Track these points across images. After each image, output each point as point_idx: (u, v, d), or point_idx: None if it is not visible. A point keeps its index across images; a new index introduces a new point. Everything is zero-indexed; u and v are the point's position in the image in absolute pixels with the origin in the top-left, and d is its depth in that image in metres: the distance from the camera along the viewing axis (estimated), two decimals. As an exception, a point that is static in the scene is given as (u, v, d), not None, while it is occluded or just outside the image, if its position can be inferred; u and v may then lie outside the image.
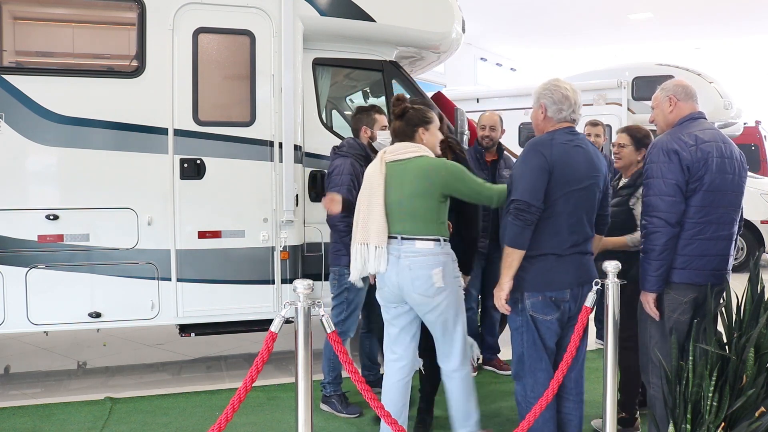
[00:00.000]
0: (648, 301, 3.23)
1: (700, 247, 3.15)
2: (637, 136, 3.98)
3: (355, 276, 3.44)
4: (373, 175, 3.38)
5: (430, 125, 3.46)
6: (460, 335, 3.42)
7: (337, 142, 5.17)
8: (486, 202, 3.39)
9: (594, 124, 5.87)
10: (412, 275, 3.27)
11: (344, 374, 4.35)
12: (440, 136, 3.54)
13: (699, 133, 3.18)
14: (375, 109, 4.45)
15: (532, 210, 2.97)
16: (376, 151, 4.37)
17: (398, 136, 3.46)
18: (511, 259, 3.04)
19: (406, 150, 3.37)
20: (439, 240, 3.30)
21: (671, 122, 3.32)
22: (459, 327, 3.42)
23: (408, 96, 3.55)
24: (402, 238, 3.30)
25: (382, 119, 4.39)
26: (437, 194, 3.28)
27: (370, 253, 3.32)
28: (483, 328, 5.24)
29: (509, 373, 5.14)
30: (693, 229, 3.14)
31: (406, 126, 3.43)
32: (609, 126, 9.82)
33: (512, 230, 3.02)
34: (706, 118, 3.33)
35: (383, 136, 4.35)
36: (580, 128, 3.36)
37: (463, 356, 3.44)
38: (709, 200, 3.13)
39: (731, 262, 3.31)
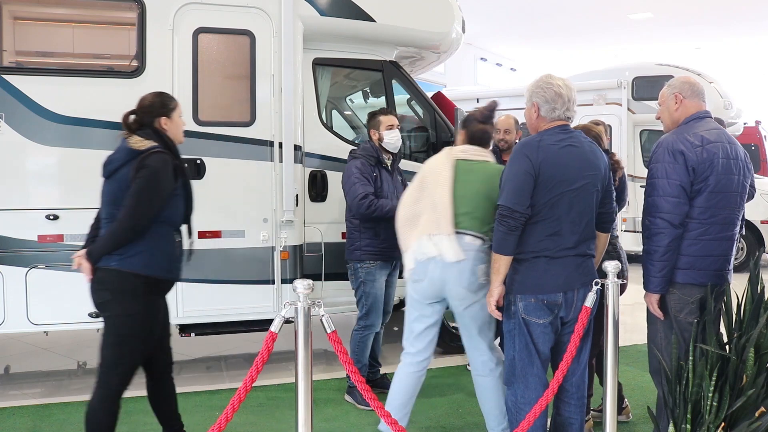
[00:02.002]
0: (651, 301, 3.22)
1: (705, 247, 3.14)
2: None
3: (408, 267, 3.51)
4: (441, 169, 3.47)
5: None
6: (492, 333, 3.55)
7: (338, 142, 5.20)
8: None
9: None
10: (460, 268, 3.35)
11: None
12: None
13: (705, 134, 3.14)
14: (380, 111, 4.59)
15: (516, 216, 2.95)
16: (388, 152, 4.53)
17: (481, 143, 3.57)
18: (498, 264, 3.04)
19: (476, 153, 3.53)
20: (484, 240, 3.39)
21: (677, 120, 3.28)
22: (492, 325, 3.54)
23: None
24: (456, 232, 3.39)
25: (387, 119, 4.52)
26: (495, 198, 3.31)
27: (443, 242, 3.38)
28: None
29: None
30: (698, 229, 3.12)
31: (490, 130, 3.61)
32: (609, 126, 9.82)
33: (497, 236, 3.02)
34: (712, 117, 3.30)
35: (390, 135, 4.52)
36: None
37: (494, 354, 3.53)
38: (714, 201, 3.11)
39: (732, 262, 3.30)
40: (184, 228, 3.32)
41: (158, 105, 3.27)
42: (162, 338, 3.35)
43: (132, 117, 3.21)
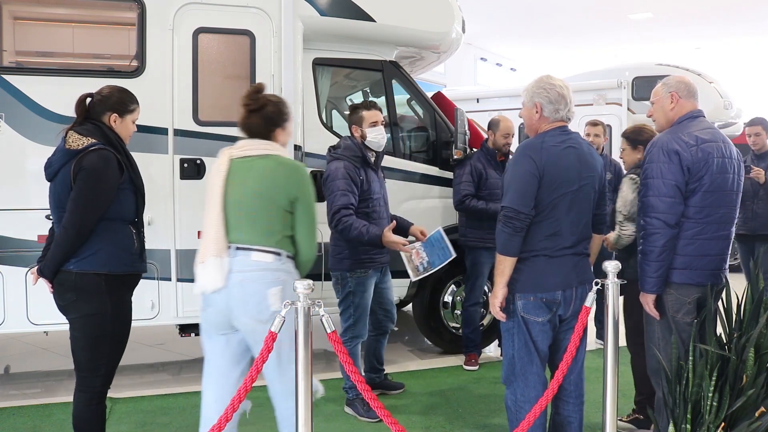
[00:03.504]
0: (647, 302, 3.23)
1: (701, 247, 3.15)
2: (637, 139, 3.97)
3: (205, 292, 2.89)
4: (213, 174, 2.94)
5: (288, 123, 3.07)
6: (293, 374, 2.72)
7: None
8: (306, 241, 2.93)
9: (594, 124, 5.90)
10: (244, 293, 2.80)
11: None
12: (290, 133, 3.14)
13: (699, 133, 3.16)
14: (363, 105, 4.36)
15: (521, 217, 2.95)
16: (371, 150, 4.32)
17: (252, 134, 3.00)
18: (503, 266, 3.03)
19: (256, 146, 2.96)
20: (280, 254, 2.86)
21: (671, 119, 3.29)
22: (293, 365, 2.75)
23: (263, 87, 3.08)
24: (237, 248, 2.84)
25: (371, 115, 4.26)
26: (283, 198, 2.86)
27: (206, 266, 2.82)
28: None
29: (472, 368, 5.24)
30: (694, 229, 3.14)
31: (265, 124, 2.99)
32: (609, 126, 9.81)
33: (501, 237, 3.00)
34: (705, 117, 3.31)
35: (374, 133, 4.26)
36: (579, 127, 3.34)
37: (287, 403, 2.86)
38: (710, 200, 3.13)
39: (728, 261, 3.31)
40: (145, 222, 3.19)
41: (115, 100, 3.11)
42: None
43: (88, 100, 3.08)
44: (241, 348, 2.96)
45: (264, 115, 2.98)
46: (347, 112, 6.41)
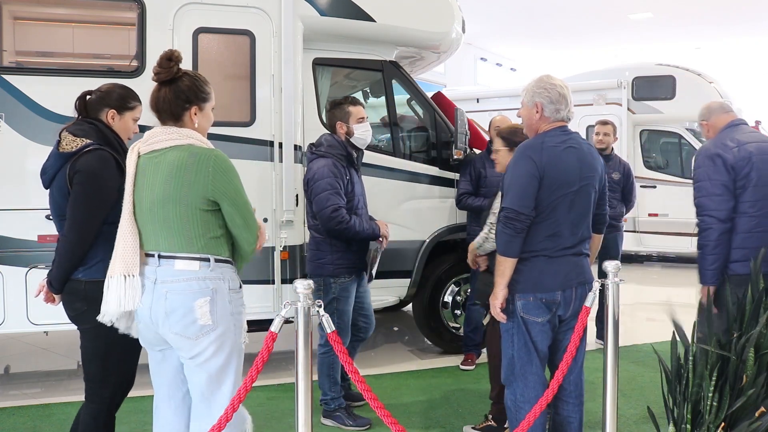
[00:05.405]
0: (706, 293, 3.47)
1: (760, 239, 3.42)
2: (512, 139, 3.79)
3: (109, 317, 2.54)
4: (126, 175, 2.58)
5: (206, 103, 2.61)
6: (224, 401, 2.49)
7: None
8: (245, 236, 2.56)
9: (604, 123, 5.92)
10: (167, 306, 2.45)
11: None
12: (212, 120, 2.69)
13: (740, 137, 3.53)
14: (348, 100, 4.18)
15: (521, 218, 2.95)
16: (356, 148, 4.18)
17: (161, 114, 2.55)
18: (504, 267, 3.02)
19: (164, 136, 2.50)
20: (208, 260, 2.49)
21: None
22: (225, 389, 2.53)
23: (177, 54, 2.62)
24: (159, 257, 2.49)
25: (358, 111, 4.12)
26: (198, 199, 2.45)
27: (120, 286, 2.46)
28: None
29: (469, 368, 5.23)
30: (750, 223, 3.43)
31: (175, 99, 2.52)
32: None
33: (502, 238, 3.00)
34: (747, 124, 3.67)
35: (361, 130, 4.12)
36: (579, 128, 3.34)
37: None
38: (761, 194, 3.43)
39: None
40: None
41: (115, 97, 2.94)
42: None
43: (89, 98, 2.93)
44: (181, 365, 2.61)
45: (176, 89, 2.52)
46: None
